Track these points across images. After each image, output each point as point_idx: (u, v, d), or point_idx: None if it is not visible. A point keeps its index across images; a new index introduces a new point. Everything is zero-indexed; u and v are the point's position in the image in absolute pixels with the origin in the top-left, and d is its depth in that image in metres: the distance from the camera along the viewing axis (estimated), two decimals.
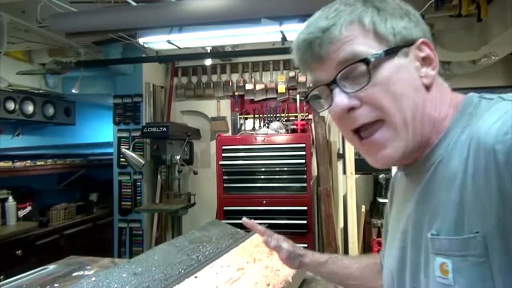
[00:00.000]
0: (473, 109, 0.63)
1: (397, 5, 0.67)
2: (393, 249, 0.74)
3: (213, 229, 1.77)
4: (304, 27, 0.69)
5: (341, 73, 0.64)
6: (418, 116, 0.64)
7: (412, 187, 0.70)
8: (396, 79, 0.63)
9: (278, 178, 3.43)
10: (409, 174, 0.73)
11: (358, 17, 0.64)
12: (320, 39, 0.65)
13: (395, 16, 0.65)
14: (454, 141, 0.62)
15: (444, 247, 0.58)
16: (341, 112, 0.65)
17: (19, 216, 3.61)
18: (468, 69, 3.31)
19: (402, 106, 0.63)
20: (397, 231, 0.74)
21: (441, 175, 0.63)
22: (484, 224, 0.54)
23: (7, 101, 3.78)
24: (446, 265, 0.58)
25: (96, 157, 5.06)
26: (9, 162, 3.73)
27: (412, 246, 0.67)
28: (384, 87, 0.63)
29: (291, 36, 2.73)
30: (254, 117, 4.05)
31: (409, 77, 0.64)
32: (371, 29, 0.64)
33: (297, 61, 0.71)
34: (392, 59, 0.64)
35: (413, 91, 0.64)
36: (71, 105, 4.69)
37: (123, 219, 3.96)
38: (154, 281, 1.17)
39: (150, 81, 4.06)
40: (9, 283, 1.71)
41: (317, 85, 0.69)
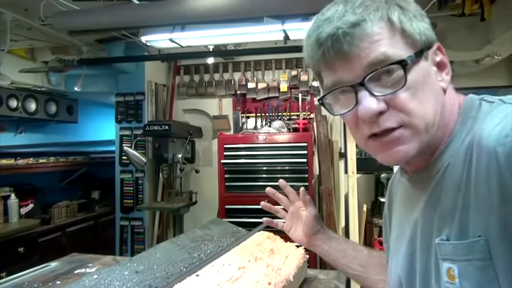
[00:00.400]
0: (475, 113, 0.63)
1: (416, 6, 0.65)
2: (400, 255, 0.74)
3: (215, 228, 1.77)
4: (323, 20, 0.63)
5: (371, 75, 0.60)
6: (437, 121, 0.63)
7: (418, 193, 0.70)
8: (423, 84, 0.62)
9: (280, 177, 3.41)
10: (414, 180, 0.72)
11: (387, 14, 0.61)
12: (350, 36, 0.60)
13: (417, 17, 0.63)
14: (459, 146, 0.62)
15: (450, 252, 0.58)
16: (370, 117, 0.61)
17: (21, 213, 3.62)
18: (471, 69, 3.30)
19: (426, 111, 0.61)
20: (403, 237, 0.74)
21: (447, 181, 0.62)
22: (487, 228, 0.54)
23: (9, 98, 3.78)
24: (452, 270, 0.58)
25: (98, 155, 5.07)
26: (12, 159, 3.75)
27: (422, 252, 0.67)
28: (412, 91, 0.61)
29: (293, 35, 2.72)
30: (256, 116, 4.05)
31: (431, 82, 0.64)
32: (399, 28, 0.61)
33: (315, 57, 0.65)
34: (419, 63, 0.62)
35: (435, 96, 0.63)
36: (74, 103, 4.70)
37: (125, 217, 3.97)
38: (156, 279, 1.17)
39: (152, 80, 4.06)
40: (11, 280, 1.71)
41: (339, 85, 0.64)
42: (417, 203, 0.69)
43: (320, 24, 0.63)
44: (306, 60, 0.69)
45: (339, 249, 1.04)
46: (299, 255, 1.69)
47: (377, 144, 0.64)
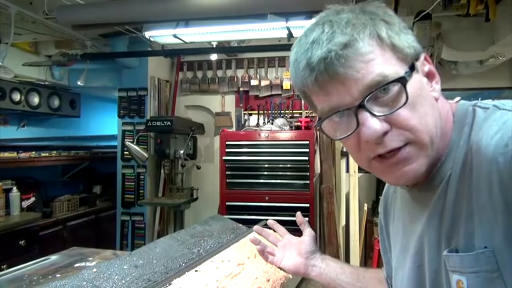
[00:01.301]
0: (470, 119, 0.63)
1: (399, 18, 0.63)
2: (406, 268, 0.73)
3: (215, 224, 1.78)
4: (310, 43, 0.60)
5: (370, 96, 0.58)
6: (438, 132, 0.62)
7: (420, 206, 0.69)
8: (420, 97, 0.60)
9: (281, 175, 3.43)
10: (415, 192, 0.71)
11: (375, 31, 0.59)
12: (344, 57, 0.57)
13: (402, 30, 0.62)
14: (458, 155, 0.61)
15: (458, 264, 0.58)
16: (376, 138, 0.59)
17: (23, 206, 3.63)
18: (475, 70, 3.28)
19: (428, 125, 0.60)
20: (408, 250, 0.72)
21: (450, 192, 0.62)
22: (492, 239, 0.54)
23: (13, 92, 3.79)
24: (461, 282, 0.57)
25: (100, 150, 5.08)
26: (14, 153, 3.76)
27: (431, 265, 0.66)
28: (412, 107, 0.59)
29: (297, 32, 2.71)
30: (258, 113, 4.05)
31: (426, 94, 0.62)
32: (389, 44, 0.60)
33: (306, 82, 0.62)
34: (413, 76, 0.60)
35: (431, 107, 0.62)
36: (77, 98, 4.71)
37: (125, 212, 3.98)
38: (155, 273, 1.18)
39: (156, 75, 4.06)
40: (11, 272, 1.72)
41: (337, 109, 0.61)
42: (420, 216, 0.68)
43: (308, 48, 0.60)
44: (295, 84, 0.66)
45: (337, 266, 1.01)
46: None
47: (384, 166, 0.62)
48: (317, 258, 1.02)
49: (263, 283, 1.24)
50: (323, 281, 1.01)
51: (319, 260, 1.02)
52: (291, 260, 1.04)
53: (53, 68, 4.01)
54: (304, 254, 1.03)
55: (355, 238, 3.48)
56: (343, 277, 0.98)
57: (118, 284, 1.06)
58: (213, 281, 1.15)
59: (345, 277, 0.98)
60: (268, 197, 3.40)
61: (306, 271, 1.02)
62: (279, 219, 3.34)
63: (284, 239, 1.13)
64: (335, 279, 0.99)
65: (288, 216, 3.33)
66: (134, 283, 1.09)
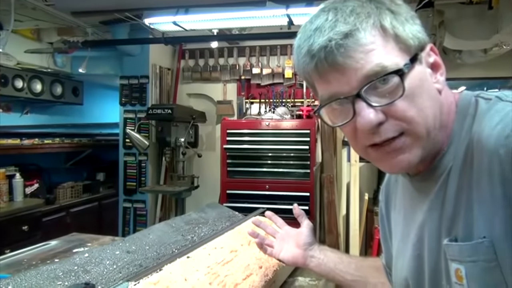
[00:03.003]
0: (473, 110, 0.63)
1: (407, 8, 0.63)
2: (406, 257, 0.74)
3: (211, 211, 1.79)
4: (313, 30, 0.60)
5: (368, 86, 0.58)
6: (437, 124, 0.62)
7: (422, 195, 0.69)
8: (420, 89, 0.60)
9: (282, 164, 3.44)
10: (416, 182, 0.71)
11: (379, 21, 0.59)
12: (344, 47, 0.57)
13: (409, 20, 0.61)
14: (460, 146, 0.62)
15: (456, 253, 0.59)
16: (370, 128, 0.60)
17: (26, 193, 3.67)
18: (479, 59, 3.24)
19: (426, 117, 0.60)
20: (408, 239, 0.73)
21: (451, 182, 0.62)
22: (491, 229, 0.54)
23: (15, 79, 3.80)
24: (460, 271, 0.58)
25: (103, 137, 5.11)
26: (17, 139, 3.79)
27: (430, 254, 0.67)
28: (410, 99, 0.59)
29: (297, 20, 2.69)
30: (260, 102, 4.03)
31: (428, 86, 0.62)
32: (392, 34, 0.59)
33: (307, 69, 0.63)
34: (414, 68, 0.60)
35: (432, 100, 0.62)
36: (79, 85, 4.72)
37: (127, 199, 4.01)
38: (147, 259, 1.19)
39: (157, 63, 4.05)
40: (12, 257, 1.75)
41: (335, 97, 0.62)
42: (421, 205, 0.69)
43: (311, 35, 0.61)
44: (297, 69, 0.67)
45: (335, 256, 1.02)
46: None
47: (379, 154, 0.63)
48: (315, 249, 1.03)
49: (255, 270, 1.25)
50: (321, 272, 1.02)
51: (317, 251, 1.03)
52: (290, 251, 1.05)
53: (56, 55, 4.01)
54: (302, 245, 1.04)
55: (355, 228, 3.49)
56: (341, 267, 0.99)
57: (109, 269, 1.07)
58: (204, 267, 1.16)
59: (343, 267, 0.99)
60: (268, 186, 3.41)
61: (305, 262, 1.03)
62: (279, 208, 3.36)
63: (282, 230, 1.14)
64: (333, 269, 1.00)
65: (288, 204, 3.32)
66: (125, 268, 1.10)
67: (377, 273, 0.97)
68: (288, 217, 2.98)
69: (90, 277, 1.00)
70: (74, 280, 0.98)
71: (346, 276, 0.98)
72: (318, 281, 1.40)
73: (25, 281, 0.94)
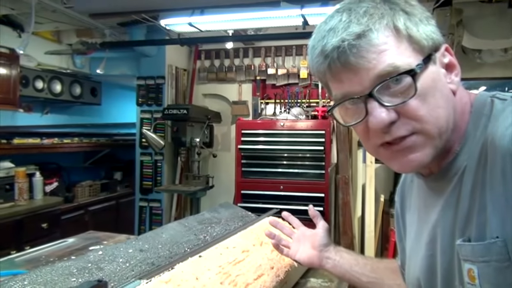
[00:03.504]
0: (488, 111, 0.62)
1: (422, 8, 0.63)
2: (418, 257, 0.74)
3: (224, 211, 1.79)
4: (327, 31, 0.61)
5: (380, 86, 0.59)
6: (450, 125, 0.62)
7: (435, 195, 0.69)
8: (433, 89, 0.60)
9: (296, 164, 3.42)
10: (430, 182, 0.71)
11: (392, 21, 0.59)
12: (357, 47, 0.58)
13: (423, 21, 0.62)
14: (475, 146, 0.61)
15: (469, 253, 0.58)
16: (382, 128, 0.60)
17: (46, 191, 3.76)
18: (499, 58, 3.16)
19: (438, 117, 0.60)
20: (421, 239, 0.73)
21: (465, 182, 0.62)
22: (504, 229, 0.54)
23: (36, 80, 3.90)
24: (472, 271, 0.58)
25: (121, 137, 5.19)
26: (38, 139, 3.89)
27: (443, 254, 0.66)
28: (422, 98, 0.59)
29: (312, 20, 2.68)
30: (275, 102, 4.03)
31: (441, 86, 0.62)
32: (405, 35, 0.60)
33: (321, 69, 0.64)
34: (427, 68, 0.60)
35: (445, 100, 0.62)
36: (97, 86, 4.81)
37: (143, 198, 4.06)
38: (159, 257, 1.20)
39: (173, 64, 4.09)
40: (30, 253, 1.80)
41: (348, 97, 0.63)
42: (435, 205, 0.69)
43: (325, 35, 0.61)
44: (312, 69, 0.68)
45: (351, 258, 1.02)
46: None
47: (390, 153, 0.63)
48: (331, 251, 1.04)
49: (266, 271, 1.25)
50: (337, 273, 1.02)
51: (333, 253, 1.03)
52: (306, 252, 1.06)
53: (75, 56, 4.09)
54: (318, 247, 1.04)
55: (370, 229, 3.45)
56: (356, 269, 0.99)
57: (122, 266, 1.09)
58: (215, 266, 1.17)
59: (359, 268, 0.99)
60: (283, 186, 3.40)
61: (321, 263, 1.03)
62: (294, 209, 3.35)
63: (299, 231, 1.14)
64: (349, 271, 1.00)
65: (302, 205, 3.32)
66: (137, 266, 1.12)
67: (393, 275, 0.97)
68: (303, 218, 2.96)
69: (103, 274, 1.02)
70: (87, 277, 1.00)
71: (361, 278, 0.98)
72: (330, 283, 1.39)
73: (41, 277, 0.96)
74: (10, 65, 3.37)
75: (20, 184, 3.32)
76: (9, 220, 3.08)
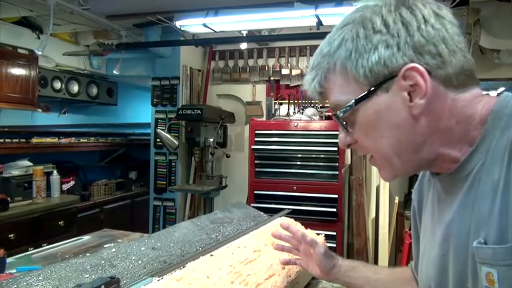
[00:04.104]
0: (509, 110, 0.61)
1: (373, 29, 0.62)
2: (431, 257, 0.73)
3: (236, 211, 1.80)
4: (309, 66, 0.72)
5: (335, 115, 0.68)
6: (403, 150, 0.65)
7: (450, 195, 0.68)
8: (374, 121, 0.64)
9: (310, 165, 3.41)
10: (444, 181, 0.70)
11: (334, 64, 0.66)
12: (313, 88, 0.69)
13: (371, 51, 0.62)
14: (494, 145, 0.60)
15: (489, 256, 0.57)
16: (343, 146, 0.72)
17: (63, 189, 3.83)
18: None
19: (380, 147, 0.66)
20: (434, 239, 0.72)
21: (484, 181, 0.60)
22: None
23: (54, 80, 3.99)
24: (491, 275, 0.56)
25: (136, 137, 5.26)
26: (55, 138, 3.97)
27: (456, 255, 0.65)
28: (364, 131, 0.66)
29: (327, 20, 2.67)
30: (289, 103, 4.02)
31: (390, 115, 0.63)
32: (346, 74, 0.64)
33: None
34: (367, 103, 0.64)
35: (394, 129, 0.64)
36: (113, 86, 4.88)
37: (158, 197, 4.11)
38: (171, 256, 1.21)
39: (188, 64, 4.13)
40: (46, 250, 1.84)
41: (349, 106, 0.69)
42: (450, 204, 0.67)
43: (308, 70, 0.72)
44: None
45: (360, 277, 1.03)
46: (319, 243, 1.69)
47: None
48: (339, 271, 1.05)
49: (278, 271, 1.25)
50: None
51: (342, 272, 1.05)
52: (315, 271, 1.09)
53: (92, 57, 4.17)
54: (323, 272, 1.06)
55: (384, 231, 3.41)
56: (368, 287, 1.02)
57: (134, 264, 1.11)
58: (226, 266, 1.17)
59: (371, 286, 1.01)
60: (296, 187, 3.39)
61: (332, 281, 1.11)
62: (307, 209, 3.31)
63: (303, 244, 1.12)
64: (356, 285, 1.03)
65: (315, 206, 3.32)
66: (150, 264, 1.13)
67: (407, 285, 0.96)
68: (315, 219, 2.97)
69: (116, 271, 1.04)
70: (101, 273, 1.01)
71: None
72: (342, 285, 1.38)
73: (55, 273, 0.98)
74: (29, 66, 3.45)
75: (38, 182, 3.39)
76: (27, 218, 3.15)
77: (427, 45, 0.60)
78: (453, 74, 0.62)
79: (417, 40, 0.60)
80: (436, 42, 0.61)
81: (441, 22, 0.62)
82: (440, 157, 0.65)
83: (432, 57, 0.61)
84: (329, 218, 3.24)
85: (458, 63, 0.62)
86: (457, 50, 0.62)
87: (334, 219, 3.25)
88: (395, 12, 0.62)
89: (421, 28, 0.61)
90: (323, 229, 2.67)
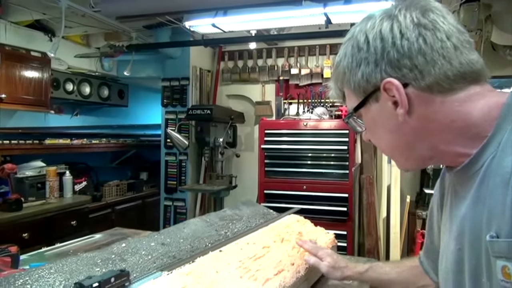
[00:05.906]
0: None
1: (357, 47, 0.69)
2: (448, 252, 0.73)
3: (245, 209, 1.80)
4: None
5: None
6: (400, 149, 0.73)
7: (464, 188, 0.68)
8: (373, 125, 0.74)
9: (320, 164, 3.40)
10: (457, 176, 0.71)
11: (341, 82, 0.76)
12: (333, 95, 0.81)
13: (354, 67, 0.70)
14: (505, 138, 0.60)
15: (504, 250, 0.56)
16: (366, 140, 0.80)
17: (75, 190, 3.88)
18: None
19: (383, 146, 0.76)
20: (451, 233, 0.72)
21: (494, 174, 0.60)
22: None
23: (66, 82, 4.05)
24: (507, 268, 0.56)
25: (147, 138, 5.30)
26: (68, 139, 4.03)
27: (471, 249, 0.65)
28: (370, 131, 0.77)
29: (335, 18, 2.66)
30: (298, 102, 4.02)
31: (383, 121, 0.71)
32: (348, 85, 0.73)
33: None
34: (364, 110, 0.73)
35: (388, 133, 0.72)
36: (125, 88, 4.93)
37: (168, 197, 4.13)
38: (181, 251, 1.22)
39: (197, 65, 4.15)
40: (59, 248, 1.87)
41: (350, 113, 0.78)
42: (464, 198, 0.68)
43: None
44: None
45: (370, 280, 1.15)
46: (328, 240, 1.67)
47: None
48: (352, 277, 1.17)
49: (286, 266, 1.25)
50: None
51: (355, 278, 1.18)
52: None
53: (103, 59, 4.21)
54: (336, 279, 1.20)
55: (395, 231, 3.38)
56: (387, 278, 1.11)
57: (144, 259, 1.12)
58: (235, 261, 1.17)
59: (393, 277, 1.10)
60: (306, 186, 3.38)
61: None
62: (317, 209, 3.29)
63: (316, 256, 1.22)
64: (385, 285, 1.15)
65: (326, 205, 3.30)
66: (159, 259, 1.14)
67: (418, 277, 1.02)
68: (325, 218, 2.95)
69: (126, 265, 1.05)
70: (111, 267, 1.03)
71: None
72: (352, 282, 1.37)
73: (66, 266, 1.00)
74: (42, 68, 3.51)
75: (51, 182, 3.45)
76: (41, 217, 3.20)
77: (402, 59, 0.64)
78: (435, 82, 0.64)
79: (392, 56, 0.65)
80: (412, 55, 0.64)
81: (420, 32, 0.64)
82: (444, 153, 0.68)
83: (409, 70, 0.65)
84: (339, 217, 3.22)
85: (439, 71, 0.64)
86: (438, 59, 0.63)
87: (344, 218, 3.23)
88: (378, 27, 0.67)
89: (396, 44, 0.65)
90: (334, 228, 2.64)
